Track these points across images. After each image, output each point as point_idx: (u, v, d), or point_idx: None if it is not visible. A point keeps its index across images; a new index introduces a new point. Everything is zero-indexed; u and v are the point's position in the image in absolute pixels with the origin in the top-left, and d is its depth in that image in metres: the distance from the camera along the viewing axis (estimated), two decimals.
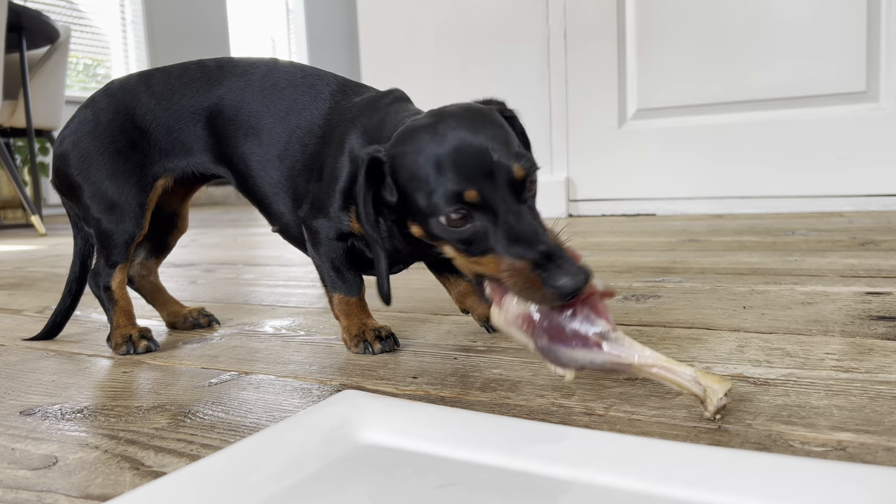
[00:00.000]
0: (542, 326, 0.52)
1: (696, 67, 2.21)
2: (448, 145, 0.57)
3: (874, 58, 2.00)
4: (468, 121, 0.58)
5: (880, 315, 0.77)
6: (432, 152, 0.57)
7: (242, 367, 0.70)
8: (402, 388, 0.61)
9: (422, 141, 0.58)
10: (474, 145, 0.57)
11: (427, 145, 0.58)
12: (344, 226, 0.71)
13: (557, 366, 0.52)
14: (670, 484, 0.37)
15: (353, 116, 0.72)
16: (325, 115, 0.75)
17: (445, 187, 0.56)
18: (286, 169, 0.76)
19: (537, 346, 0.52)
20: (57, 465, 0.47)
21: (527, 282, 0.52)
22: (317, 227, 0.72)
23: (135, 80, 0.82)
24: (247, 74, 0.79)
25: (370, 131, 0.69)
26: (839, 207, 2.05)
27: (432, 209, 0.57)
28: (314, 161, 0.74)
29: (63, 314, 0.87)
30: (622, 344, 0.50)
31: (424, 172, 0.57)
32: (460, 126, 0.58)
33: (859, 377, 0.57)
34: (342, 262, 0.73)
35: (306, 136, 0.75)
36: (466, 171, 0.56)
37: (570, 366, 0.51)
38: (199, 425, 0.54)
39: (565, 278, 0.50)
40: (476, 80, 2.53)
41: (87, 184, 0.78)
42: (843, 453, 0.43)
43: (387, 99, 0.73)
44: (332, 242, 0.72)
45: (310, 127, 0.75)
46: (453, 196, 0.56)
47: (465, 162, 0.56)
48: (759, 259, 1.20)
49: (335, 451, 0.43)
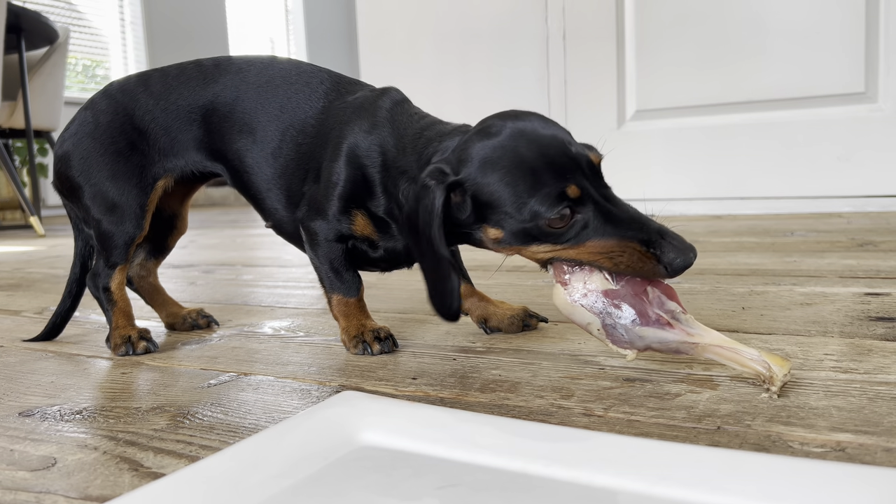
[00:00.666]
0: (613, 304, 0.55)
1: (695, 68, 2.21)
2: (532, 151, 0.57)
3: (873, 59, 2.00)
4: (531, 123, 0.59)
5: (879, 316, 0.77)
6: (519, 163, 0.57)
7: (241, 368, 0.70)
8: (402, 389, 0.61)
9: (504, 155, 0.58)
10: (554, 144, 0.58)
11: (511, 157, 0.58)
12: (344, 228, 0.72)
13: (621, 346, 0.55)
14: (669, 485, 0.37)
15: (348, 119, 0.72)
16: (318, 114, 0.75)
17: (545, 191, 0.56)
18: (279, 167, 0.76)
19: (603, 325, 0.55)
20: (56, 466, 0.47)
21: (640, 259, 0.55)
22: (315, 228, 0.72)
23: (133, 81, 0.82)
24: (242, 72, 0.79)
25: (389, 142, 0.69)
26: (838, 208, 2.06)
27: (533, 216, 0.57)
28: (308, 161, 0.74)
29: (63, 315, 0.87)
30: (691, 325, 0.54)
31: (515, 185, 0.57)
32: (530, 130, 0.59)
33: (858, 378, 0.57)
34: (341, 264, 0.73)
35: (299, 135, 0.76)
36: (559, 171, 0.57)
37: (635, 345, 0.54)
38: (198, 426, 0.54)
39: (679, 254, 0.54)
40: (475, 80, 2.53)
41: (87, 185, 0.78)
42: (842, 454, 0.43)
43: (384, 101, 0.73)
44: (331, 244, 0.72)
45: (303, 126, 0.76)
46: (556, 197, 0.56)
47: (554, 161, 0.57)
48: (758, 260, 1.20)
49: (334, 452, 0.43)
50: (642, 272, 0.55)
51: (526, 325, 0.79)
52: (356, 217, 0.71)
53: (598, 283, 0.56)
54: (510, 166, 0.58)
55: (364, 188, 0.71)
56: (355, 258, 0.75)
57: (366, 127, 0.71)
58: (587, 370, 0.63)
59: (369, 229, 0.72)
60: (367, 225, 0.72)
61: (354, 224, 0.71)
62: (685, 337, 0.53)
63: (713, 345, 0.53)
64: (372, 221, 0.72)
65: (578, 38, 2.36)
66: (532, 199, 0.57)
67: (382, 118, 0.71)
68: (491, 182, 0.58)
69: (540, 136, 0.58)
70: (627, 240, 0.55)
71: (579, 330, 0.78)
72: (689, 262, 0.54)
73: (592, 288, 0.56)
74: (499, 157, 0.59)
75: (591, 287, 0.56)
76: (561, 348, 0.71)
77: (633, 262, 0.55)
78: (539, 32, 2.42)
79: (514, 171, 0.58)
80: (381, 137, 0.70)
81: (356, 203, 0.71)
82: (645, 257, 0.55)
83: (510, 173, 0.58)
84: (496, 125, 0.61)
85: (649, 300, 0.55)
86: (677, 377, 0.59)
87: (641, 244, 0.55)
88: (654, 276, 0.55)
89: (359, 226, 0.72)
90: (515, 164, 0.58)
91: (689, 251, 0.54)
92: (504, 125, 0.60)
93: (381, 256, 0.74)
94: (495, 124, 0.61)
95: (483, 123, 0.62)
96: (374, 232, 0.72)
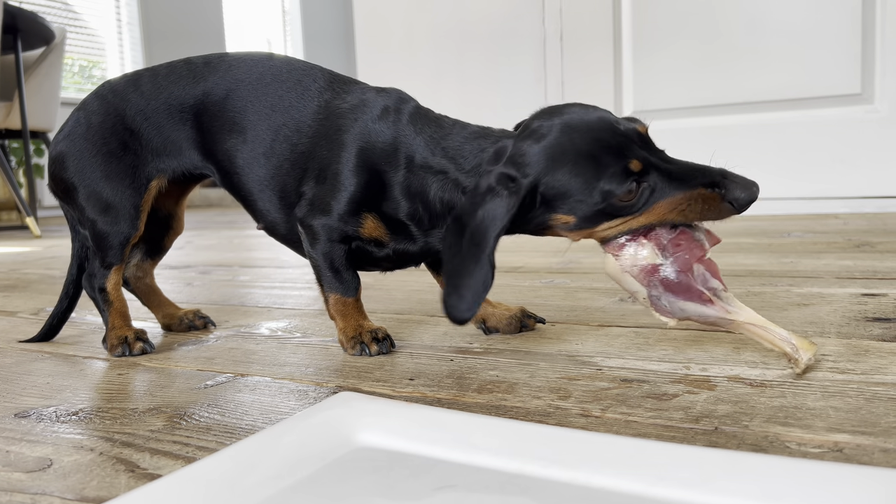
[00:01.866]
0: (660, 278, 0.59)
1: (691, 70, 2.21)
2: (587, 140, 0.61)
3: (869, 60, 2.00)
4: (576, 114, 0.63)
5: (876, 317, 0.77)
6: (580, 154, 0.60)
7: (238, 369, 0.70)
8: (399, 390, 0.60)
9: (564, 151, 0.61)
10: (604, 127, 0.61)
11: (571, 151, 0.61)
12: (350, 230, 0.71)
13: (664, 315, 0.59)
14: (667, 485, 0.37)
15: (356, 119, 0.71)
16: (315, 112, 0.75)
17: (611, 171, 0.59)
18: (272, 167, 0.76)
19: (649, 295, 0.59)
20: (52, 467, 0.47)
21: (706, 202, 0.58)
22: (318, 228, 0.72)
23: (124, 81, 0.81)
24: (233, 69, 0.79)
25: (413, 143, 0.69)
26: (834, 209, 2.06)
27: (604, 196, 0.60)
28: (306, 160, 0.74)
29: (60, 316, 0.87)
30: (730, 302, 0.58)
31: (582, 174, 0.60)
32: (577, 121, 0.62)
33: (855, 378, 0.57)
34: (342, 263, 0.73)
35: (295, 135, 0.75)
36: (617, 149, 0.60)
37: (676, 315, 0.59)
38: (194, 427, 0.53)
39: (743, 190, 0.58)
40: (472, 80, 2.53)
41: (81, 186, 0.78)
42: (839, 455, 0.43)
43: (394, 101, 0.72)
44: (333, 244, 0.72)
45: (298, 125, 0.75)
46: (622, 174, 0.59)
47: (609, 143, 0.60)
48: (754, 261, 1.20)
49: (331, 453, 0.43)
50: (710, 215, 0.59)
51: (523, 325, 0.79)
52: (366, 220, 0.71)
53: (649, 257, 0.59)
54: (573, 159, 0.60)
55: (378, 191, 0.70)
56: (357, 258, 0.74)
57: (380, 128, 0.71)
58: (584, 371, 0.63)
59: (380, 231, 0.72)
60: (378, 227, 0.71)
61: (363, 227, 0.71)
62: (723, 314, 0.57)
63: (747, 322, 0.57)
64: (384, 224, 0.71)
65: (575, 39, 2.36)
66: (600, 182, 0.59)
67: (397, 119, 0.71)
68: (559, 178, 0.61)
69: (588, 124, 0.61)
70: (692, 188, 0.59)
71: (576, 331, 0.78)
72: (753, 197, 0.58)
73: (642, 261, 0.59)
74: (560, 154, 0.61)
75: (641, 260, 0.60)
76: (558, 349, 0.71)
77: (699, 209, 0.59)
78: (536, 33, 2.42)
79: (578, 162, 0.60)
80: (401, 138, 0.70)
81: (368, 206, 0.71)
82: (711, 199, 0.58)
83: (575, 165, 0.60)
84: (544, 126, 0.63)
85: (694, 276, 0.59)
86: (675, 378, 0.59)
87: (707, 188, 0.59)
88: (721, 215, 0.59)
89: (368, 228, 0.71)
90: (577, 156, 0.60)
91: (752, 186, 0.58)
92: (552, 124, 0.62)
93: (386, 256, 0.74)
94: (543, 125, 0.63)
95: (529, 127, 0.64)
96: (385, 234, 0.72)
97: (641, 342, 0.72)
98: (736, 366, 0.62)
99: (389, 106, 0.72)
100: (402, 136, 0.70)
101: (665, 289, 0.59)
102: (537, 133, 0.62)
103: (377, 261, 0.75)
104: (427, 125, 0.71)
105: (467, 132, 0.69)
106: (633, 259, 0.60)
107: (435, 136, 0.70)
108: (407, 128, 0.70)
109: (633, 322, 0.81)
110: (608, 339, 0.74)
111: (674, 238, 0.60)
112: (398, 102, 0.73)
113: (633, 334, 0.75)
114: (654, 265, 0.59)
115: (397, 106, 0.72)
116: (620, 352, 0.69)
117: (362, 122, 0.71)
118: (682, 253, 0.59)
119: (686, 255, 0.59)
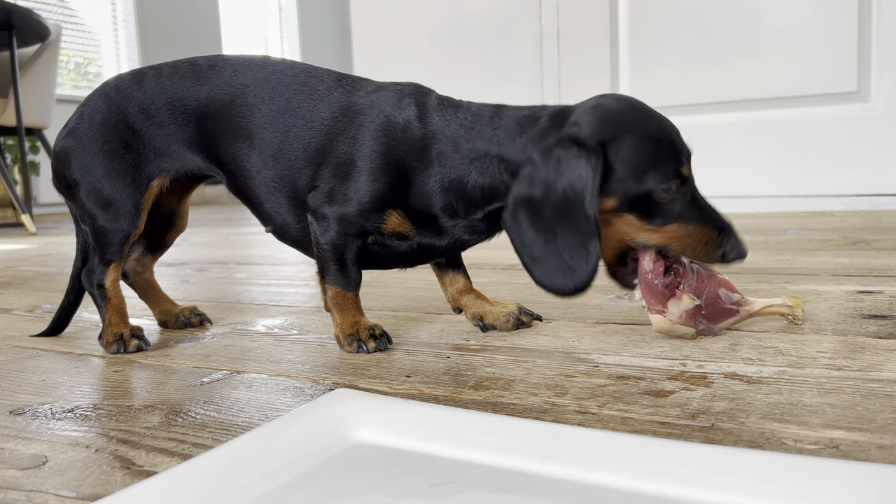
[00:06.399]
0: (702, 314, 0.69)
1: (688, 67, 2.21)
2: (654, 126, 0.64)
3: (865, 58, 2.01)
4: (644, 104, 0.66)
5: (872, 314, 0.77)
6: (646, 133, 0.63)
7: (234, 366, 0.70)
8: (396, 387, 0.60)
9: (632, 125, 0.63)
10: (671, 126, 0.65)
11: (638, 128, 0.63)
12: (370, 226, 0.71)
13: (708, 336, 0.70)
14: (664, 482, 0.37)
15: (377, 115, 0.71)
16: (328, 111, 0.74)
17: (666, 164, 0.63)
18: (282, 168, 0.75)
19: (698, 331, 0.69)
20: (47, 464, 0.47)
21: (707, 244, 0.65)
22: (332, 217, 0.70)
23: (128, 79, 0.81)
24: (237, 74, 0.78)
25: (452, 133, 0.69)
26: (830, 207, 2.06)
27: (657, 181, 0.62)
28: (321, 157, 0.73)
29: (67, 310, 0.87)
30: (746, 304, 0.71)
31: (643, 152, 0.62)
32: (646, 108, 0.65)
33: (851, 375, 0.57)
34: (351, 258, 0.72)
35: (308, 134, 0.74)
36: (677, 149, 0.64)
37: (717, 333, 0.71)
38: (190, 424, 0.53)
39: (738, 248, 0.65)
40: (469, 78, 2.53)
41: (83, 182, 0.78)
42: (835, 451, 0.43)
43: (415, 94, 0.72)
44: (348, 238, 0.71)
45: (311, 124, 0.74)
46: (674, 172, 0.63)
47: (673, 141, 0.64)
48: (750, 258, 1.20)
49: (328, 449, 0.43)
50: (701, 255, 0.65)
51: (521, 322, 0.79)
52: (390, 216, 0.70)
53: (688, 303, 0.68)
54: (640, 135, 0.63)
55: (405, 187, 0.69)
56: (374, 257, 0.74)
57: (405, 122, 0.70)
58: (581, 368, 0.63)
59: (405, 227, 0.71)
60: (404, 223, 0.71)
61: (386, 223, 0.70)
62: (746, 315, 0.71)
63: (759, 309, 0.71)
64: (410, 219, 0.71)
65: (572, 37, 2.36)
66: (653, 168, 0.62)
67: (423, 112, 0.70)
68: (623, 148, 0.62)
69: (657, 116, 0.65)
70: (707, 226, 0.64)
71: (573, 328, 0.78)
72: (742, 257, 0.65)
73: (684, 308, 0.68)
74: (629, 126, 0.63)
75: (684, 308, 0.68)
76: (555, 346, 0.71)
77: (696, 247, 0.65)
78: (533, 31, 2.42)
79: (643, 139, 0.63)
80: (431, 131, 0.69)
81: (393, 203, 0.70)
82: (713, 243, 0.64)
83: (640, 140, 0.63)
84: (611, 102, 0.65)
85: (723, 300, 0.70)
86: (671, 374, 0.59)
87: (715, 231, 0.64)
88: (709, 260, 0.65)
89: (391, 224, 0.70)
90: (644, 134, 0.63)
91: (745, 248, 0.65)
92: (621, 100, 0.65)
93: (409, 249, 0.73)
94: (610, 102, 0.65)
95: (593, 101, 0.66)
96: (411, 229, 0.71)
97: (638, 339, 0.72)
98: (732, 362, 0.62)
99: (411, 100, 0.71)
100: (432, 128, 0.69)
101: (708, 321, 0.70)
102: (603, 107, 0.64)
103: (398, 256, 0.74)
104: (456, 113, 0.70)
105: (501, 110, 0.69)
106: (677, 310, 0.68)
107: (466, 122, 0.69)
108: (435, 120, 0.70)
109: (630, 319, 0.81)
110: (605, 335, 0.74)
111: (698, 281, 0.69)
112: (419, 95, 0.72)
113: (630, 331, 0.75)
114: (696, 307, 0.68)
115: (419, 100, 0.71)
116: (617, 349, 0.69)
117: (385, 117, 0.70)
118: (709, 286, 0.69)
119: (712, 288, 0.69)
